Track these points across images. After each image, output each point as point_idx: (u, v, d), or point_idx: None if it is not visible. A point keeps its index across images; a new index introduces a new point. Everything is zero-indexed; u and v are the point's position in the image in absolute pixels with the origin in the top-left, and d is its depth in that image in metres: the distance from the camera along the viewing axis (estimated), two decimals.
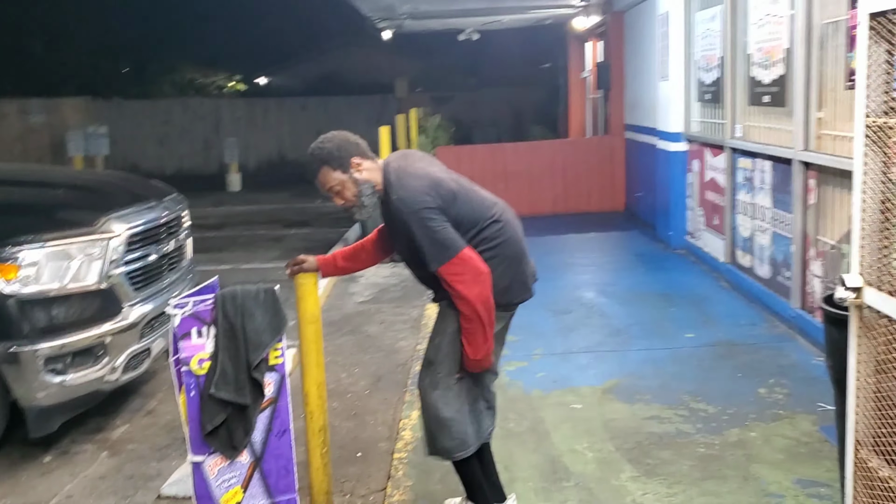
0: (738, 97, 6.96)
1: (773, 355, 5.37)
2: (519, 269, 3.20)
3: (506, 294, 3.17)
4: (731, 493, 3.66)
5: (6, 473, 4.38)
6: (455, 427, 3.19)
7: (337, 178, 3.14)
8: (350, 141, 3.19)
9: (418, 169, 3.15)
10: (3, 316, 4.14)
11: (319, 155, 3.14)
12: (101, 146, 17.83)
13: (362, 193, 3.14)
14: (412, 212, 3.02)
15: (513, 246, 3.19)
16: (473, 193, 3.22)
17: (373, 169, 3.18)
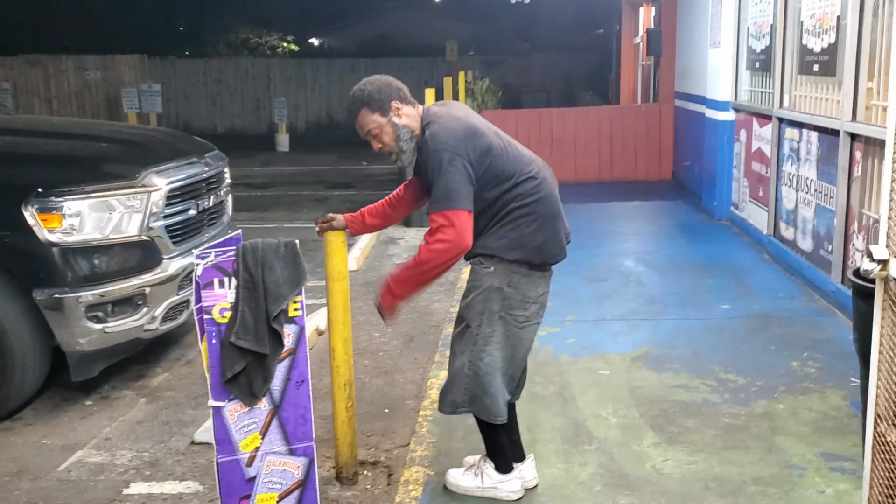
0: (787, 65, 6.81)
1: (810, 329, 5.31)
2: (554, 228, 3.18)
3: (541, 252, 3.15)
4: (752, 463, 3.66)
5: (49, 414, 4.56)
6: (486, 388, 3.22)
7: (375, 121, 3.14)
8: (392, 85, 3.18)
9: (459, 117, 3.14)
10: (47, 263, 4.28)
11: (360, 97, 3.14)
12: (154, 103, 18.10)
13: (400, 138, 3.14)
14: (436, 149, 3.00)
15: (548, 204, 3.16)
16: (512, 148, 3.19)
17: (412, 115, 3.17)
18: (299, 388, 2.65)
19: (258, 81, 22.24)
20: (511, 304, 3.18)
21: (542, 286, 3.25)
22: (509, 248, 3.12)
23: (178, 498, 3.62)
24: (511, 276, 3.15)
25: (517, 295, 3.17)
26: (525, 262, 3.15)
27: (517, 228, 3.12)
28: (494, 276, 3.15)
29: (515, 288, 3.17)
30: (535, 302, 3.23)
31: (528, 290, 3.19)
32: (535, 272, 3.18)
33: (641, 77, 14.20)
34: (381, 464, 3.87)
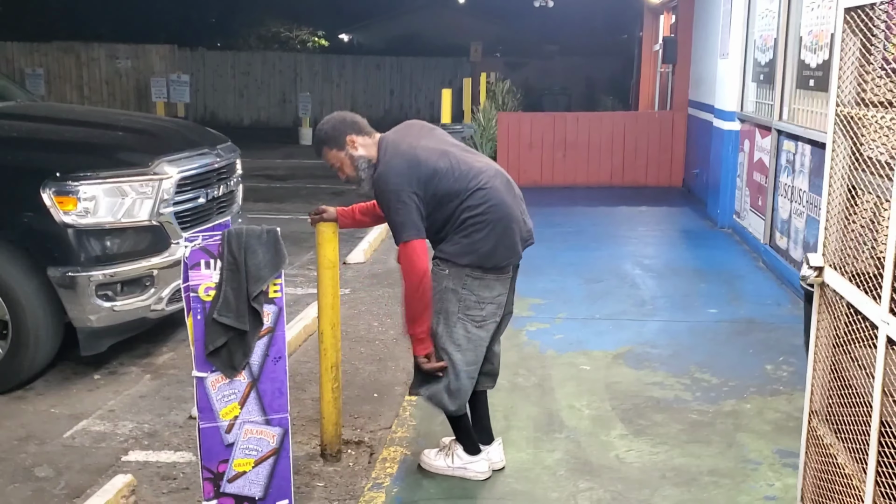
0: (787, 79, 6.98)
1: (790, 335, 5.48)
2: (505, 233, 3.39)
3: (491, 257, 3.38)
4: (711, 456, 3.87)
5: (59, 386, 4.84)
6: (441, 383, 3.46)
7: (335, 156, 3.49)
8: (346, 121, 3.50)
9: (407, 146, 3.40)
10: (62, 243, 4.56)
11: (319, 137, 3.51)
12: (182, 94, 18.49)
13: (358, 167, 3.46)
14: (383, 190, 3.33)
15: (498, 211, 3.38)
16: (461, 164, 3.41)
17: (368, 145, 3.48)
18: (276, 364, 2.90)
19: (285, 75, 22.60)
20: (467, 305, 3.42)
21: (498, 288, 3.48)
22: (460, 253, 3.37)
23: (171, 466, 3.88)
24: (464, 280, 3.39)
25: (471, 296, 3.41)
26: (476, 266, 3.38)
27: (468, 236, 3.36)
28: (449, 278, 3.40)
29: (469, 290, 3.40)
30: (490, 302, 3.46)
31: (483, 292, 3.42)
32: (488, 275, 3.41)
33: (660, 84, 14.35)
34: (364, 443, 4.11)
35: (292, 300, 6.47)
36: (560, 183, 11.71)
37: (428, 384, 3.50)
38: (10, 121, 5.29)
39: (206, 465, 2.92)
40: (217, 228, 2.84)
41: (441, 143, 3.50)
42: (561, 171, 11.73)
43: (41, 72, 19.72)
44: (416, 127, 3.62)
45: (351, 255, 7.74)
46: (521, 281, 6.61)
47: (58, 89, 20.78)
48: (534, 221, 3.68)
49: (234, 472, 2.93)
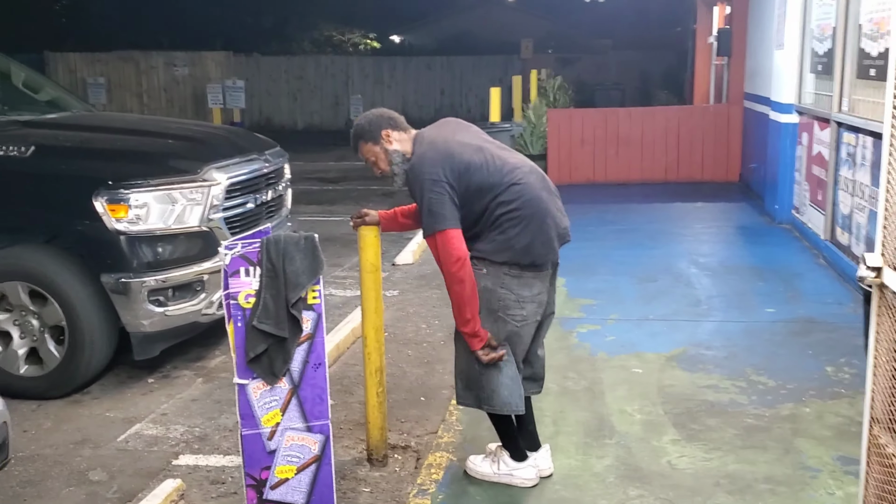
0: (846, 69, 6.75)
1: (851, 335, 5.30)
2: (541, 229, 3.34)
3: (527, 253, 3.33)
4: (767, 462, 3.75)
5: (114, 390, 4.93)
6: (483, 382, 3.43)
7: (371, 150, 3.50)
8: (382, 116, 3.51)
9: (441, 141, 3.39)
10: (114, 250, 4.63)
11: (356, 131, 3.52)
12: (238, 99, 18.75)
13: (392, 161, 3.45)
14: (417, 180, 3.31)
15: (533, 206, 3.33)
16: (495, 160, 3.38)
17: (404, 140, 3.48)
18: (317, 370, 2.89)
19: (337, 79, 22.78)
20: (507, 305, 3.37)
21: (538, 286, 3.42)
22: (496, 250, 3.33)
23: (220, 470, 3.91)
24: (502, 278, 3.35)
25: (510, 295, 3.36)
26: (514, 263, 3.34)
27: (503, 232, 3.32)
28: (487, 277, 3.36)
29: (508, 289, 3.36)
30: (531, 301, 3.40)
31: (522, 290, 3.37)
32: (526, 273, 3.36)
33: (715, 77, 14.07)
34: (410, 448, 4.09)
35: (341, 302, 6.50)
36: (613, 180, 11.56)
37: (472, 390, 3.46)
38: (65, 131, 5.40)
39: (248, 472, 2.92)
40: (257, 235, 2.84)
41: (476, 139, 3.48)
42: (614, 167, 11.57)
43: (102, 81, 20.19)
44: (452, 123, 3.61)
45: (399, 256, 7.75)
46: (571, 281, 6.62)
47: (118, 97, 21.26)
48: (586, 219, 3.65)
49: (277, 479, 2.94)
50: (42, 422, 4.48)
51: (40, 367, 4.73)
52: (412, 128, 3.57)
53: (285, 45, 27.38)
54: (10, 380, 4.68)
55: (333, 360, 5.25)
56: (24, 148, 4.72)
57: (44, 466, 3.97)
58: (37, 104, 6.18)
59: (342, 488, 3.64)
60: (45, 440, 4.25)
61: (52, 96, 6.28)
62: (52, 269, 4.61)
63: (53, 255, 4.66)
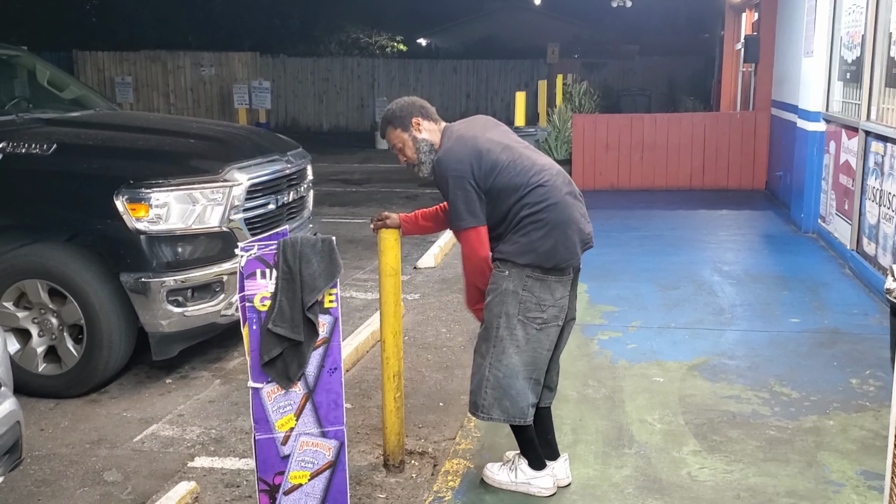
0: (875, 77, 6.64)
1: (877, 347, 5.20)
2: (565, 234, 3.31)
3: (550, 257, 3.29)
4: (789, 476, 3.67)
5: (133, 390, 4.93)
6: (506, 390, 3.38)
7: (399, 137, 3.49)
8: (415, 104, 3.50)
9: (470, 136, 3.37)
10: (134, 250, 4.63)
11: (386, 116, 3.51)
12: (263, 100, 18.86)
13: (419, 150, 3.44)
14: (443, 175, 3.30)
15: (558, 210, 3.30)
16: (523, 160, 3.36)
17: (433, 130, 3.47)
18: (332, 375, 2.85)
19: (363, 81, 22.82)
20: (528, 307, 3.32)
21: (560, 290, 3.37)
22: (520, 252, 3.29)
23: (236, 473, 3.89)
24: (525, 280, 3.31)
25: (532, 298, 3.31)
26: (536, 266, 3.29)
27: (527, 234, 3.28)
28: (509, 279, 3.32)
29: (530, 291, 3.31)
30: (552, 305, 3.35)
31: (544, 294, 3.32)
32: (549, 276, 3.32)
33: (742, 84, 13.93)
34: (428, 454, 4.05)
35: (362, 305, 6.48)
36: (637, 186, 11.47)
37: (479, 398, 3.43)
38: (87, 129, 5.42)
39: (262, 477, 2.90)
40: (274, 237, 2.81)
41: (505, 138, 3.46)
42: (638, 173, 11.48)
43: (129, 80, 20.35)
44: (482, 120, 3.60)
45: (422, 259, 7.72)
46: (593, 287, 6.56)
47: (145, 97, 21.43)
48: (609, 225, 3.62)
49: (290, 484, 2.91)
50: (59, 420, 4.49)
51: (59, 366, 4.74)
52: (443, 120, 3.55)
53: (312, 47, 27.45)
54: (28, 378, 4.69)
55: (352, 364, 5.22)
56: (47, 146, 4.74)
57: (59, 466, 3.97)
58: (60, 102, 6.21)
59: (357, 494, 3.61)
60: (62, 439, 4.26)
61: (76, 94, 6.31)
62: (72, 268, 4.61)
63: (73, 254, 4.67)
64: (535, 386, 3.44)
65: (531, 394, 3.42)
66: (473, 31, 31.66)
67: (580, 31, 28.96)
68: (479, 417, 3.47)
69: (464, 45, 29.48)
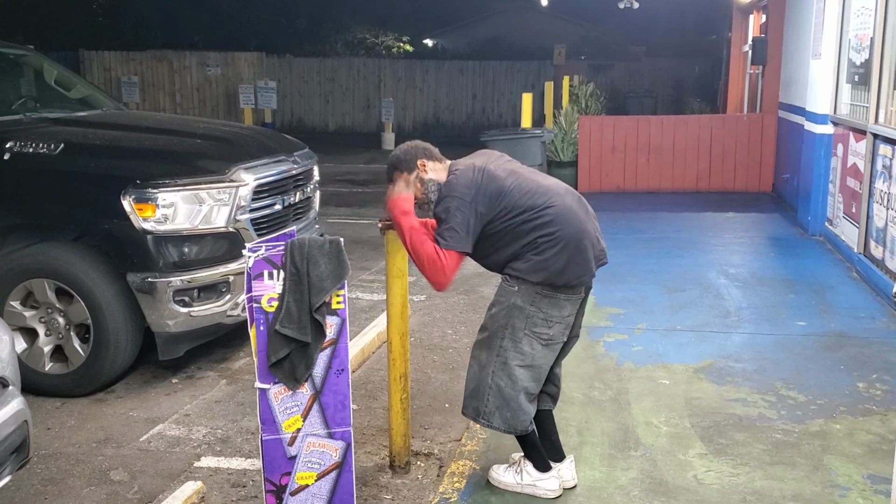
0: (884, 80, 6.62)
1: (885, 351, 5.19)
2: (578, 251, 3.33)
3: (562, 274, 3.32)
4: (795, 479, 3.66)
5: (139, 389, 4.94)
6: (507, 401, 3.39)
7: (407, 180, 3.50)
8: (417, 147, 3.56)
9: (479, 163, 3.43)
10: (141, 249, 4.64)
11: (391, 162, 3.55)
12: (269, 100, 18.85)
13: (428, 190, 3.48)
14: (447, 196, 3.34)
15: (571, 227, 3.33)
16: (529, 183, 3.41)
17: (438, 169, 3.52)
18: (339, 376, 2.86)
19: (369, 81, 22.82)
20: (534, 322, 3.36)
21: (568, 308, 3.40)
22: (532, 270, 3.32)
23: (242, 473, 3.89)
24: (534, 297, 3.34)
25: (539, 314, 3.35)
26: (548, 283, 3.32)
27: (540, 253, 3.31)
28: (518, 295, 3.35)
29: (538, 307, 3.35)
30: (559, 322, 3.39)
31: (552, 310, 3.36)
32: (558, 294, 3.34)
33: (749, 86, 13.90)
34: (434, 456, 4.05)
35: (368, 306, 6.48)
36: (643, 188, 11.46)
37: (481, 404, 3.43)
38: (94, 129, 5.43)
39: (268, 478, 2.90)
40: (281, 238, 2.81)
41: (510, 165, 3.53)
42: (644, 175, 11.47)
43: (136, 79, 20.36)
44: (486, 153, 3.64)
45: None
46: (599, 289, 6.50)
47: (152, 96, 21.44)
48: (615, 227, 3.63)
49: (297, 485, 2.91)
50: (66, 420, 4.50)
51: (65, 365, 4.75)
52: (447, 159, 3.61)
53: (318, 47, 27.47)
54: (35, 377, 4.71)
55: (358, 365, 5.23)
56: (54, 145, 4.75)
57: (66, 465, 3.98)
58: (68, 102, 6.22)
59: (363, 495, 3.61)
60: (68, 438, 4.27)
61: (83, 94, 6.33)
62: (79, 268, 4.63)
63: (80, 254, 4.68)
64: (534, 400, 3.48)
65: (532, 407, 3.46)
66: (480, 32, 31.62)
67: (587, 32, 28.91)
68: (480, 423, 3.49)
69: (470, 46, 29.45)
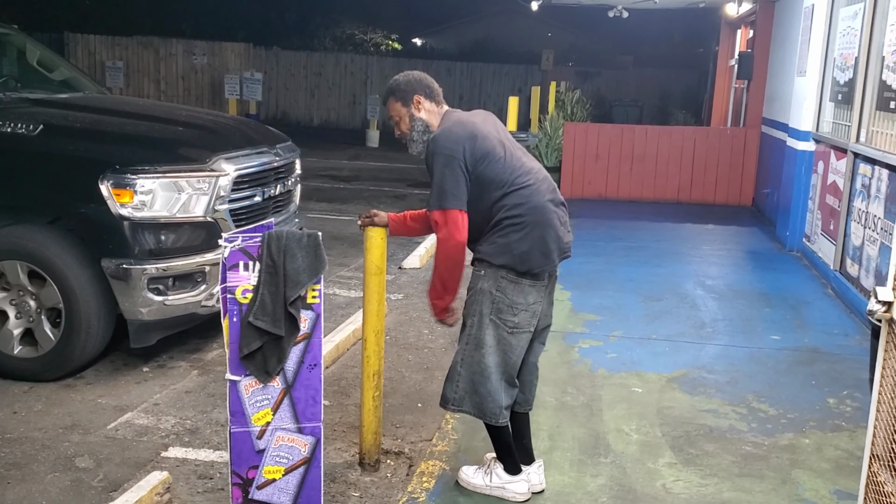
0: (867, 100, 6.68)
1: (856, 368, 5.22)
2: (542, 238, 3.30)
3: (525, 260, 3.29)
4: (763, 492, 3.68)
5: (108, 376, 4.88)
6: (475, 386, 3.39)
7: (398, 110, 3.49)
8: (421, 82, 3.50)
9: (469, 122, 3.38)
10: (117, 235, 4.58)
11: (391, 86, 3.51)
12: (255, 91, 18.76)
13: (414, 128, 3.45)
14: (435, 152, 3.29)
15: (536, 214, 3.30)
16: (513, 159, 3.37)
17: (433, 112, 3.48)
18: (311, 371, 2.83)
19: (356, 77, 22.78)
20: (500, 308, 3.33)
21: (533, 295, 3.37)
22: (496, 253, 3.30)
23: (209, 465, 3.86)
24: (499, 281, 3.32)
25: (505, 300, 3.32)
26: (510, 268, 3.30)
27: (505, 235, 3.29)
28: (484, 279, 3.34)
29: (503, 293, 3.32)
30: (524, 310, 3.35)
31: (517, 297, 3.33)
32: (522, 280, 3.32)
33: (733, 100, 13.99)
34: (404, 454, 4.03)
35: (345, 303, 6.45)
36: (625, 196, 11.50)
37: (451, 391, 3.45)
38: (75, 111, 5.36)
39: (235, 471, 2.87)
40: (259, 230, 2.79)
41: (501, 135, 3.47)
42: (627, 184, 11.51)
43: (121, 65, 20.21)
44: (484, 114, 3.62)
45: (407, 260, 7.69)
46: (576, 295, 6.56)
47: (136, 82, 21.29)
48: (595, 234, 3.62)
49: (264, 479, 2.88)
50: (33, 404, 4.44)
51: (35, 349, 4.69)
52: (446, 104, 3.56)
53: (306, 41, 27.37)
54: (3, 359, 4.65)
55: (332, 361, 5.20)
56: (33, 126, 4.69)
57: (31, 450, 3.92)
58: (49, 83, 6.15)
59: (331, 491, 3.59)
60: (35, 423, 4.21)
61: (65, 76, 6.25)
62: (53, 251, 4.56)
63: (55, 237, 4.61)
64: (509, 389, 3.44)
65: (505, 396, 3.41)
66: (469, 34, 31.66)
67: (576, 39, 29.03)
68: (450, 409, 3.50)
69: (459, 47, 29.48)
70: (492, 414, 3.40)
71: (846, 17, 7.50)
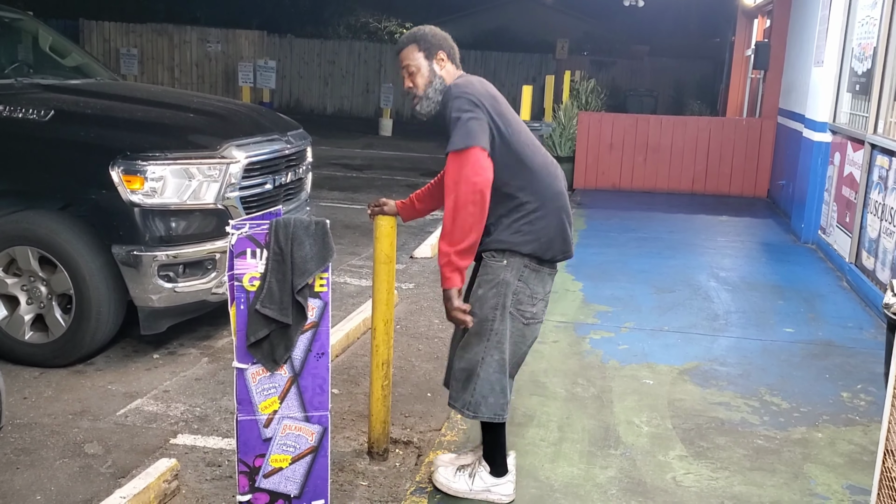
0: (885, 91, 6.59)
1: (871, 362, 5.17)
2: (563, 225, 3.25)
3: (550, 247, 3.23)
4: (774, 486, 3.64)
5: (119, 363, 4.89)
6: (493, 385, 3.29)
7: (417, 60, 3.22)
8: (447, 40, 3.29)
9: (489, 85, 3.22)
10: (127, 222, 4.57)
11: (414, 33, 3.27)
12: (269, 79, 18.72)
13: (431, 84, 3.21)
14: (458, 96, 3.06)
15: (559, 200, 3.24)
16: (533, 141, 3.28)
17: (451, 72, 3.26)
18: (319, 360, 2.81)
19: (369, 65, 22.73)
20: (520, 300, 3.25)
21: (549, 284, 3.33)
22: (524, 241, 3.18)
23: (218, 452, 3.85)
24: (522, 271, 3.22)
25: (526, 290, 3.25)
26: (536, 256, 3.22)
27: (531, 223, 3.18)
28: (507, 269, 3.21)
29: (525, 283, 3.24)
30: (542, 299, 3.31)
31: (537, 286, 3.27)
32: (543, 268, 3.26)
33: (749, 90, 13.87)
34: (412, 444, 4.01)
35: (356, 291, 6.43)
36: (639, 187, 11.43)
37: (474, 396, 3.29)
38: (86, 97, 5.35)
39: (242, 459, 2.86)
40: (267, 217, 2.76)
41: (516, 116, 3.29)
42: (641, 175, 11.44)
43: (135, 52, 20.21)
44: (501, 97, 3.34)
45: (418, 249, 7.67)
46: (588, 286, 6.53)
47: (150, 69, 21.32)
48: (608, 225, 3.58)
49: (271, 467, 2.87)
50: (43, 390, 4.45)
51: (45, 335, 4.69)
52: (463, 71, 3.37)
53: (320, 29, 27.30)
54: (14, 345, 4.66)
55: (342, 350, 5.18)
56: (44, 112, 4.68)
57: (40, 435, 3.93)
58: (61, 69, 6.14)
59: (339, 480, 3.57)
60: (45, 409, 4.22)
61: (77, 62, 6.24)
62: (64, 237, 4.56)
63: (66, 223, 4.61)
64: (511, 382, 3.39)
65: (510, 390, 3.37)
66: (484, 23, 31.46)
67: (591, 28, 28.83)
68: (466, 416, 3.34)
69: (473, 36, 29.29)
70: (502, 411, 3.32)
71: (865, 5, 7.40)
